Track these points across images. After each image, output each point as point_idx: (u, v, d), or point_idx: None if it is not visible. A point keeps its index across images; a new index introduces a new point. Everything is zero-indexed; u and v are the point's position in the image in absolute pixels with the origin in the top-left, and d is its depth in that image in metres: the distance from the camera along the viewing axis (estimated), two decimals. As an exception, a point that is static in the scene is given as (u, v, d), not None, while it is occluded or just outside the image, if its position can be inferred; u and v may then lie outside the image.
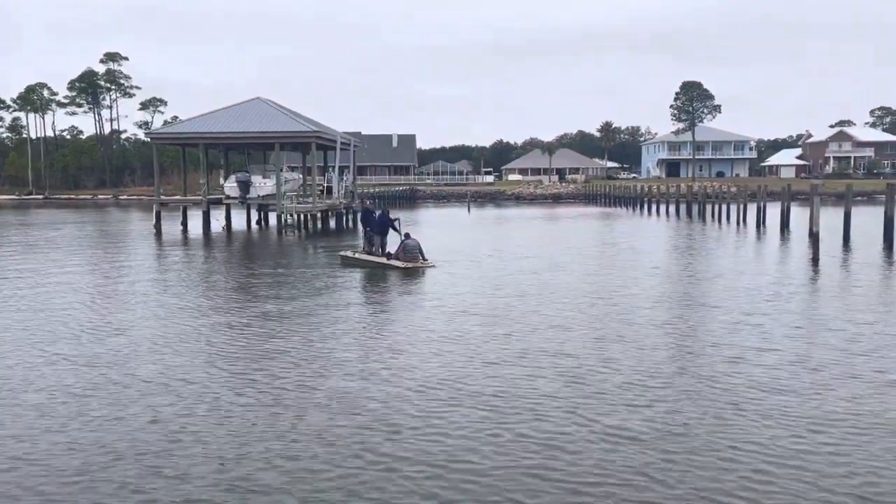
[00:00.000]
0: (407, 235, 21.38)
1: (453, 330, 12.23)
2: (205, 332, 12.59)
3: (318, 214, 38.50)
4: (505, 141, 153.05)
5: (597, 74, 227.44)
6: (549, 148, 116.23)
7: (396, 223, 23.18)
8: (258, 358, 10.58)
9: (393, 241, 22.82)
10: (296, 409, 8.18)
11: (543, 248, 26.85)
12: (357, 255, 22.36)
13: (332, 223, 40.76)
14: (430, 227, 37.73)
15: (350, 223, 42.56)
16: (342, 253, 23.25)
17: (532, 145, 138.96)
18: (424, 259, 21.13)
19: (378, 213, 23.11)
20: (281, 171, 38.84)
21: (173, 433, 7.55)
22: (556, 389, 8.95)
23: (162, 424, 7.84)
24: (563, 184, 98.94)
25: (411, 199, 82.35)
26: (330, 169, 42.44)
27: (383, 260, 21.28)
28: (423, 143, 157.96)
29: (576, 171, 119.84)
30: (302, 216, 40.49)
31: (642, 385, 9.12)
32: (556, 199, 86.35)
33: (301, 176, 45.69)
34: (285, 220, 37.74)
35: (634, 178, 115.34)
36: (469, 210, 62.36)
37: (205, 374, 9.83)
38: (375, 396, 8.68)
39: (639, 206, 58.88)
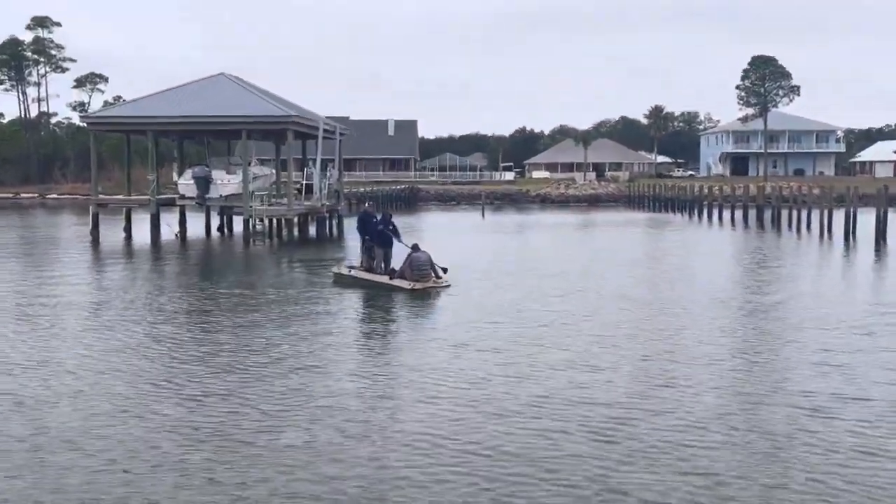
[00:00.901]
0: (415, 247, 21.43)
1: (473, 377, 12.20)
2: (144, 375, 12.55)
3: (296, 219, 38.84)
4: (529, 129, 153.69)
5: (644, 47, 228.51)
6: (583, 138, 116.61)
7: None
8: (215, 421, 10.21)
9: (394, 252, 22.81)
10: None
11: (576, 265, 27.13)
12: (354, 273, 22.43)
13: (313, 230, 40.96)
14: (435, 236, 37.91)
15: (335, 230, 42.86)
16: (335, 270, 23.40)
17: (563, 134, 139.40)
18: (438, 277, 21.23)
19: (379, 217, 23.13)
20: (249, 164, 39.09)
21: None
22: (590, 451, 9.03)
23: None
24: (602, 183, 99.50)
25: (411, 201, 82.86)
26: (310, 163, 42.63)
27: (386, 279, 21.35)
28: (426, 131, 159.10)
29: (617, 167, 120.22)
30: (275, 222, 40.68)
31: (700, 446, 9.14)
32: (593, 202, 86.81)
33: (274, 171, 46.05)
34: (254, 227, 37.97)
35: (691, 176, 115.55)
36: (483, 215, 63.07)
37: (134, 434, 9.66)
38: (366, 471, 8.59)
39: (696, 212, 59.43)
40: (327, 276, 23.96)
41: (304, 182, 41.14)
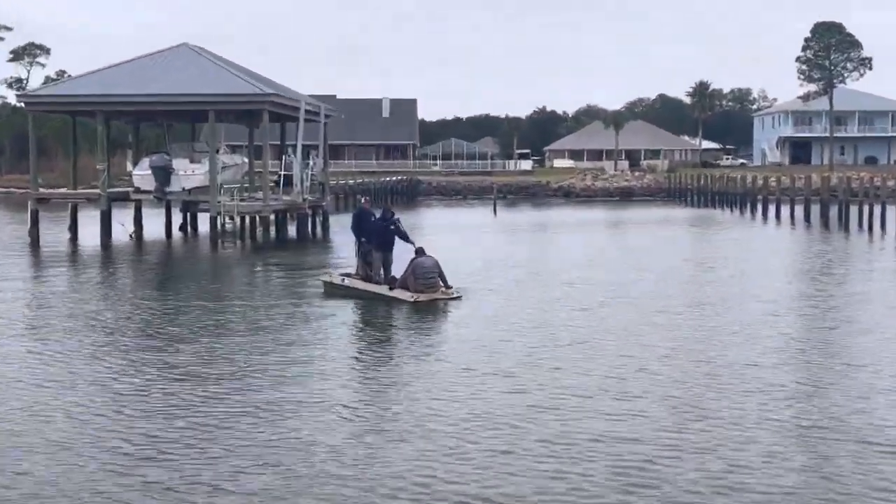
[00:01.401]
0: (420, 251, 21.46)
1: (480, 408, 12.15)
2: (89, 411, 12.30)
3: (272, 217, 38.81)
4: (549, 109, 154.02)
5: (686, 12, 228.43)
6: (614, 120, 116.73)
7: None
8: (174, 463, 10.11)
9: (397, 255, 22.71)
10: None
11: (605, 274, 27.14)
12: (347, 282, 22.42)
13: (293, 230, 41.12)
14: (438, 237, 37.86)
15: (319, 230, 42.88)
16: (325, 278, 23.32)
17: (589, 116, 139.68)
18: (447, 287, 21.31)
19: (379, 214, 23.01)
20: (217, 152, 39.19)
21: None
22: (617, 500, 8.98)
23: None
24: (636, 173, 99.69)
25: (410, 195, 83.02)
26: (289, 150, 42.78)
27: (385, 290, 21.37)
28: (427, 113, 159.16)
29: (654, 154, 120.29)
30: (248, 220, 40.79)
31: (749, 490, 9.11)
32: (626, 196, 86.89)
33: (246, 160, 46.25)
34: (223, 226, 37.98)
35: (743, 164, 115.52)
36: (495, 211, 63.01)
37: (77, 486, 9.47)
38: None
39: (749, 208, 59.65)
40: (313, 285, 23.90)
41: (283, 173, 41.18)
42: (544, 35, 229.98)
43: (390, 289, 21.30)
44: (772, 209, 55.13)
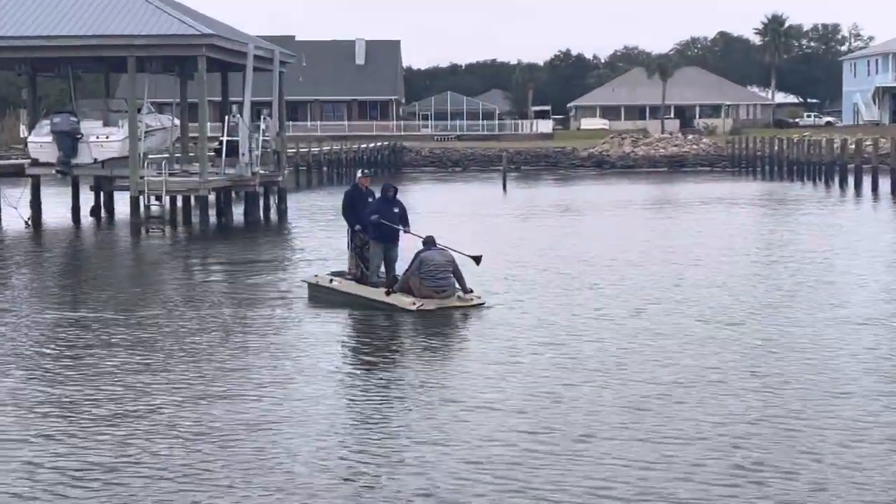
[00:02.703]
0: (429, 242, 21.13)
1: (497, 458, 11.83)
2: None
3: (211, 196, 38.62)
4: (575, 54, 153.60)
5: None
6: (660, 67, 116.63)
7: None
8: None
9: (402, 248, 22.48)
10: None
11: (652, 274, 26.68)
12: (335, 284, 22.26)
13: (240, 212, 41.04)
14: (429, 223, 37.49)
15: (273, 213, 42.85)
16: (309, 279, 23.20)
17: (628, 62, 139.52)
18: (467, 291, 21.04)
19: (379, 192, 22.47)
20: (139, 112, 39.00)
21: None
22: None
23: None
24: (689, 137, 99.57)
25: (393, 166, 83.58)
26: (234, 109, 42.31)
27: (381, 295, 21.18)
28: (414, 59, 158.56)
29: (713, 111, 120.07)
30: (180, 200, 40.60)
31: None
32: (676, 167, 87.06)
33: (178, 122, 46.18)
34: (147, 209, 38.15)
35: (829, 124, 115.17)
36: (505, 188, 62.72)
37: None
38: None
39: (836, 180, 59.32)
40: (276, 289, 23.82)
41: (226, 139, 40.74)
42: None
43: (387, 293, 21.12)
44: (867, 182, 54.92)
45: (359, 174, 24.27)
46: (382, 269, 22.10)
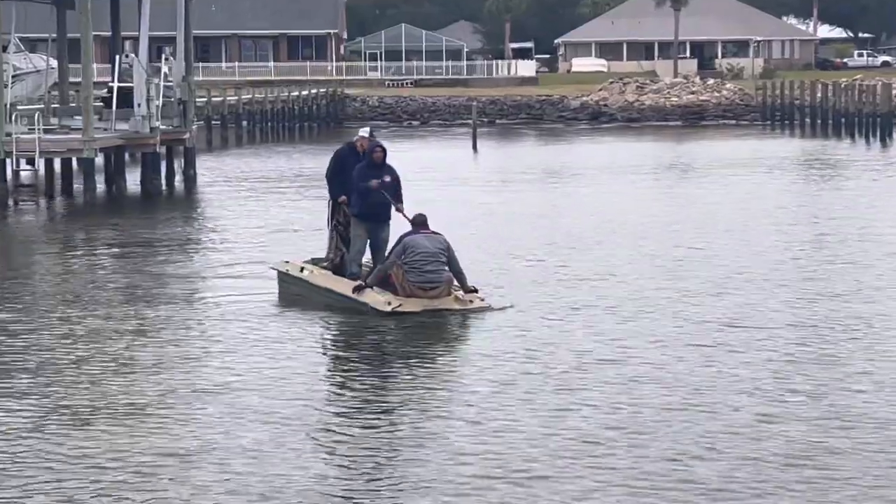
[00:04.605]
0: (418, 222, 19.20)
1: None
2: None
3: (99, 158, 37.16)
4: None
5: None
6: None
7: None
8: None
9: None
10: None
11: (671, 261, 23.75)
12: (306, 274, 20.30)
13: (136, 179, 38.73)
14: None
15: (178, 180, 40.91)
16: (280, 268, 21.12)
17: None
18: (467, 289, 18.97)
19: (367, 153, 20.57)
20: (4, 50, 37.50)
21: None
22: None
23: None
24: (710, 81, 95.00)
25: (333, 119, 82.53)
26: (127, 46, 41.62)
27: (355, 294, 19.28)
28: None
29: (740, 48, 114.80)
30: (58, 164, 38.20)
31: None
32: (693, 118, 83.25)
33: (55, 64, 44.89)
34: (16, 174, 37.19)
35: (885, 64, 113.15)
36: (475, 147, 60.03)
37: None
38: None
39: (889, 137, 57.44)
40: (181, 280, 21.65)
41: (117, 85, 38.61)
42: None
43: (357, 288, 18.75)
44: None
45: (361, 133, 21.84)
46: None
